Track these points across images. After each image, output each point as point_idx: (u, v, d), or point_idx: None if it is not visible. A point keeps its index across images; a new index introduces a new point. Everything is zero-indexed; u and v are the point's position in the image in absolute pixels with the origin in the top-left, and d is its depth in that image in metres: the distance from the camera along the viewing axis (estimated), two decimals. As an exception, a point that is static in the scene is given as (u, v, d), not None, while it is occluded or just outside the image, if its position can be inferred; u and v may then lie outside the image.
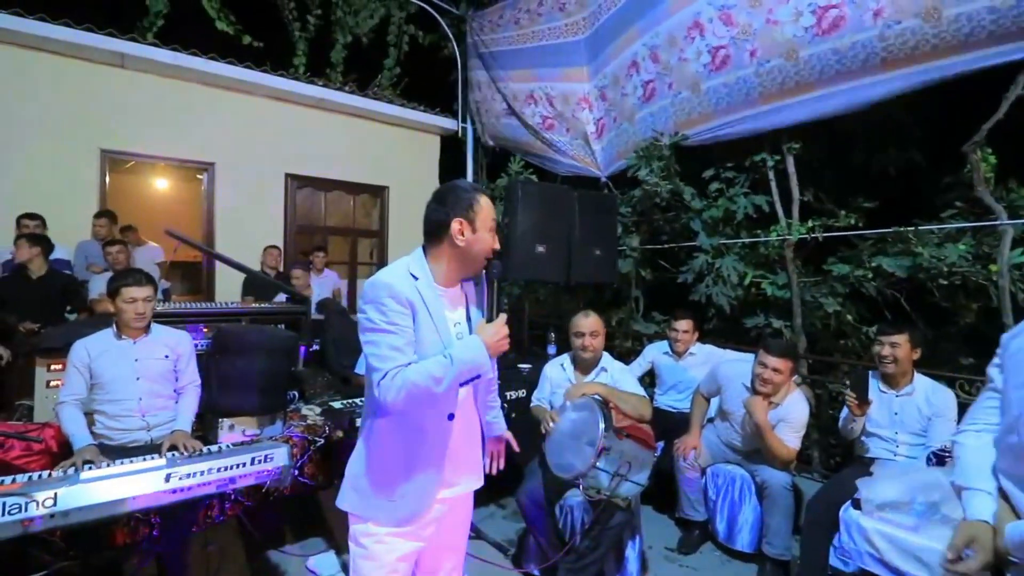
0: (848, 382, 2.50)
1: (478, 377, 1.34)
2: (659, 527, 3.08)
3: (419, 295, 1.32)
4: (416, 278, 1.35)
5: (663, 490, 3.04)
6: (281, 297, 4.20)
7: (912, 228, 3.14)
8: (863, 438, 2.56)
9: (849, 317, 3.48)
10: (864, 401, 2.43)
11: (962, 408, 2.32)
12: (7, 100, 4.39)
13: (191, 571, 2.18)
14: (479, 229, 1.37)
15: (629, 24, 4.37)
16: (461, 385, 1.33)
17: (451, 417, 1.37)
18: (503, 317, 1.36)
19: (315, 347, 3.70)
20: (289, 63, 6.10)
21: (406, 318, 1.29)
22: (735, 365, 2.85)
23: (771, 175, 3.83)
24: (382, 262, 6.72)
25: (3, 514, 1.55)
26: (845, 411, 2.55)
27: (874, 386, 2.54)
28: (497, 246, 1.40)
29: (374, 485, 1.37)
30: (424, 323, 1.32)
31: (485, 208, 1.38)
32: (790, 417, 2.58)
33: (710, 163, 4.15)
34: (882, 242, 3.32)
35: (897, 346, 2.45)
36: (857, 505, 2.00)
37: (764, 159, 3.82)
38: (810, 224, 3.56)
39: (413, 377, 1.23)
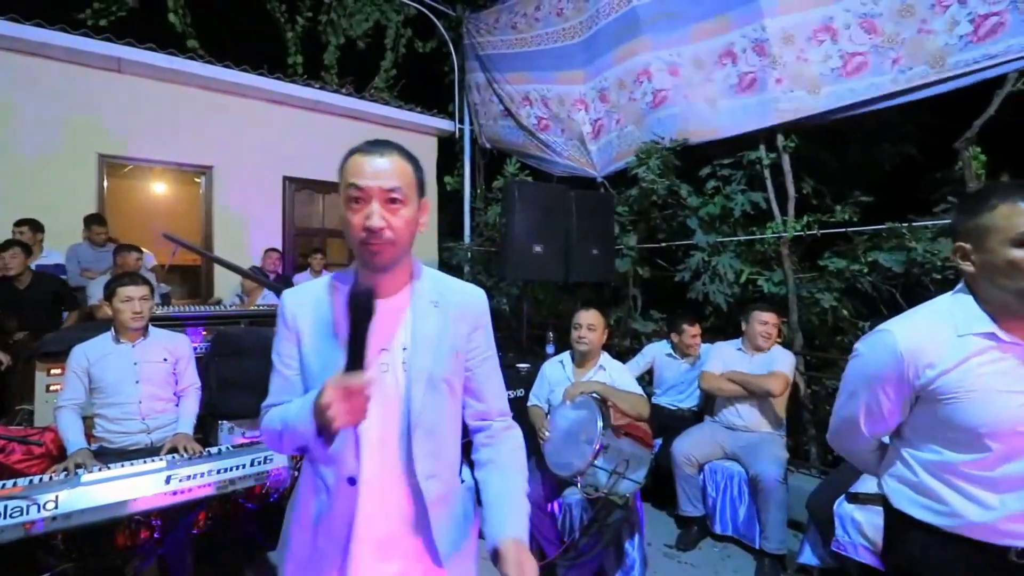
0: None
1: (309, 449, 0.95)
2: (658, 524, 3.10)
3: (315, 312, 1.00)
4: (335, 287, 1.02)
5: (661, 487, 3.06)
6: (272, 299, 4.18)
7: (906, 224, 3.17)
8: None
9: (845, 312, 3.50)
10: None
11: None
12: (5, 105, 4.40)
13: (192, 573, 2.20)
14: (341, 198, 0.95)
15: (637, 32, 4.45)
16: (302, 450, 0.98)
17: (352, 482, 0.96)
18: (358, 377, 0.83)
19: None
20: (284, 65, 6.12)
21: (290, 345, 1.02)
22: (717, 347, 3.23)
23: (766, 172, 3.85)
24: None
25: (5, 517, 1.56)
26: None
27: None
28: (373, 224, 0.91)
29: (284, 543, 1.08)
30: (314, 351, 0.99)
31: (344, 173, 0.95)
32: (778, 356, 2.95)
33: (706, 160, 4.17)
34: (877, 237, 3.35)
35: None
36: (851, 499, 2.02)
37: (760, 157, 3.84)
38: (806, 220, 3.59)
39: (266, 424, 1.02)
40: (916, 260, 3.07)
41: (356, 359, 0.84)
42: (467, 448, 1.17)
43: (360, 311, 0.84)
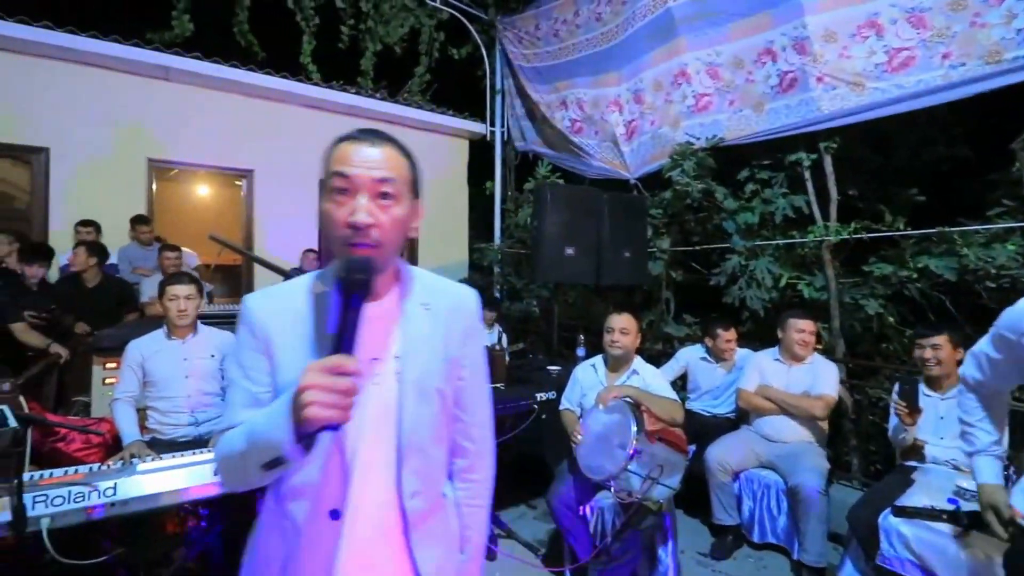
0: (897, 391, 2.43)
1: (281, 463, 0.75)
2: (691, 531, 3.05)
3: (291, 318, 0.87)
4: (312, 294, 0.89)
5: (694, 494, 3.01)
6: None
7: (957, 228, 3.04)
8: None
9: (891, 319, 3.37)
10: (915, 410, 2.35)
11: (1012, 413, 2.23)
12: (63, 113, 4.66)
13: (235, 562, 2.28)
14: (322, 190, 0.86)
15: (673, 34, 4.42)
16: (268, 470, 0.77)
17: (335, 515, 0.84)
18: (346, 359, 0.70)
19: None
20: (317, 71, 6.27)
21: (256, 356, 0.87)
22: (754, 358, 3.11)
23: (807, 175, 3.75)
24: (412, 264, 6.84)
25: (69, 502, 1.65)
26: (895, 420, 2.47)
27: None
28: (359, 219, 0.79)
29: None
30: (290, 363, 0.84)
31: (328, 162, 0.84)
32: (821, 370, 2.83)
33: (743, 162, 4.09)
34: (925, 242, 3.22)
35: (938, 348, 2.38)
36: (897, 512, 1.95)
37: (800, 158, 3.74)
38: (853, 227, 3.46)
39: (221, 447, 0.84)
40: (968, 266, 2.94)
41: (345, 343, 0.71)
42: None
43: (354, 284, 0.74)
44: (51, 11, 4.50)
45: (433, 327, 0.92)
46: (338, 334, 0.73)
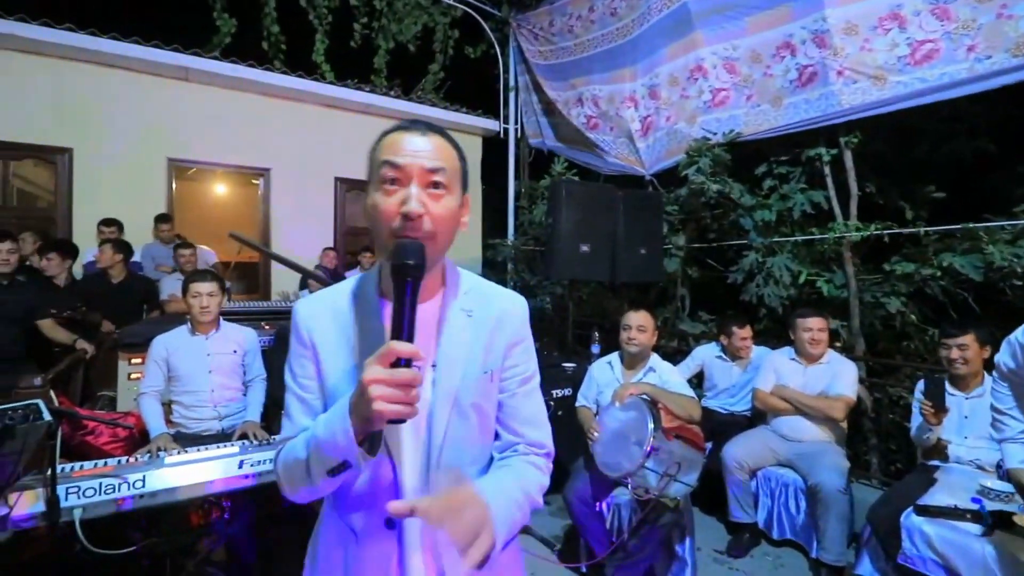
0: (922, 390, 2.39)
1: (347, 468, 0.73)
2: (707, 528, 3.04)
3: (334, 323, 0.86)
4: (357, 297, 0.87)
5: (711, 492, 3.00)
6: None
7: (983, 224, 2.98)
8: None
9: (912, 317, 3.32)
10: (941, 409, 2.31)
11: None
12: (87, 114, 4.75)
13: (256, 553, 2.32)
14: (370, 190, 0.83)
15: (689, 28, 4.39)
16: (333, 476, 0.75)
17: (390, 525, 0.82)
18: (406, 346, 0.67)
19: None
20: (331, 70, 6.32)
21: (307, 364, 0.87)
22: (770, 358, 3.06)
23: (827, 170, 3.70)
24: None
25: (100, 493, 1.70)
26: (919, 419, 2.43)
27: (942, 390, 2.44)
28: (411, 208, 0.76)
29: None
30: (337, 369, 0.84)
31: (376, 152, 0.84)
32: (839, 370, 2.77)
33: (761, 158, 4.05)
34: (949, 238, 3.16)
35: (965, 347, 2.34)
36: (920, 511, 1.93)
37: (820, 153, 3.69)
38: (874, 228, 3.41)
39: (284, 457, 0.83)
40: (993, 264, 2.87)
41: (402, 332, 0.69)
42: None
43: (407, 269, 0.71)
44: (75, 13, 4.59)
45: (474, 336, 0.87)
46: (394, 322, 0.70)
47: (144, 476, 1.76)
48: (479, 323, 0.88)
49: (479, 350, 0.86)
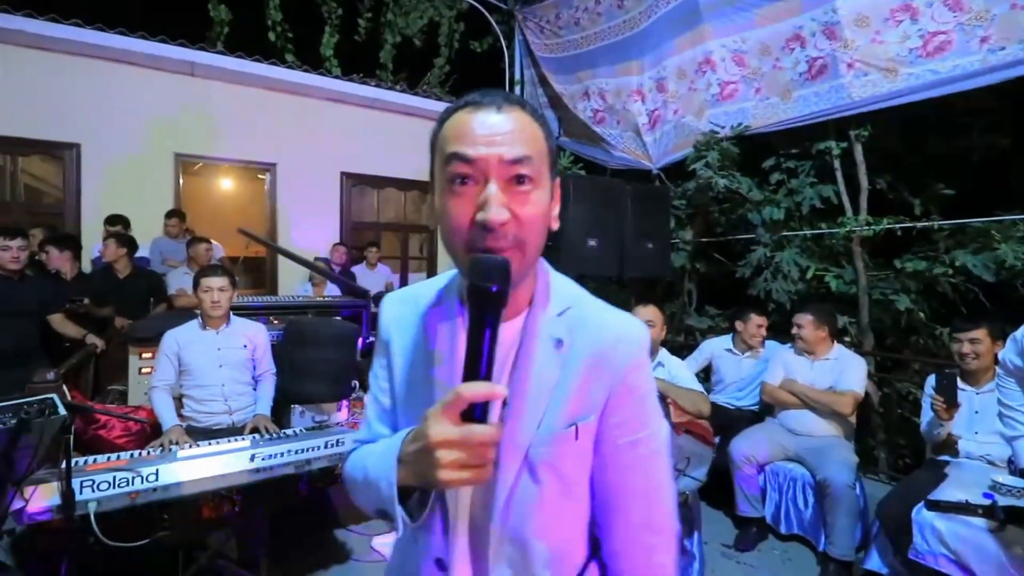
0: (934, 385, 2.37)
1: (387, 518, 0.65)
2: (715, 523, 3.04)
3: (412, 323, 0.75)
4: (439, 297, 0.74)
5: (718, 486, 3.00)
6: (334, 291, 4.40)
7: (995, 219, 2.95)
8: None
9: (922, 315, 3.30)
10: (952, 404, 2.29)
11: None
12: (94, 110, 4.76)
13: (267, 546, 2.35)
14: (436, 189, 0.67)
15: (697, 21, 4.35)
16: (380, 517, 0.67)
17: (440, 566, 0.69)
18: (484, 387, 0.54)
19: (371, 339, 3.86)
20: (337, 64, 6.31)
21: (383, 365, 0.78)
22: (780, 350, 3.10)
23: (836, 163, 3.67)
24: (432, 257, 6.90)
25: (114, 487, 1.72)
26: (930, 415, 2.41)
27: (953, 386, 2.42)
28: (491, 217, 0.59)
29: None
30: (403, 378, 0.75)
31: (440, 141, 0.66)
32: (847, 364, 2.77)
33: (771, 151, 4.02)
34: (959, 234, 3.13)
35: (977, 342, 2.32)
36: (931, 506, 1.93)
37: (830, 147, 3.66)
38: (885, 223, 3.38)
39: (351, 466, 0.74)
40: (1005, 262, 2.85)
41: (482, 369, 0.55)
42: None
43: (487, 297, 0.56)
44: (82, 9, 4.59)
45: (562, 375, 0.66)
46: (468, 357, 0.56)
47: (157, 470, 1.78)
48: (572, 358, 0.67)
49: (565, 394, 0.66)
